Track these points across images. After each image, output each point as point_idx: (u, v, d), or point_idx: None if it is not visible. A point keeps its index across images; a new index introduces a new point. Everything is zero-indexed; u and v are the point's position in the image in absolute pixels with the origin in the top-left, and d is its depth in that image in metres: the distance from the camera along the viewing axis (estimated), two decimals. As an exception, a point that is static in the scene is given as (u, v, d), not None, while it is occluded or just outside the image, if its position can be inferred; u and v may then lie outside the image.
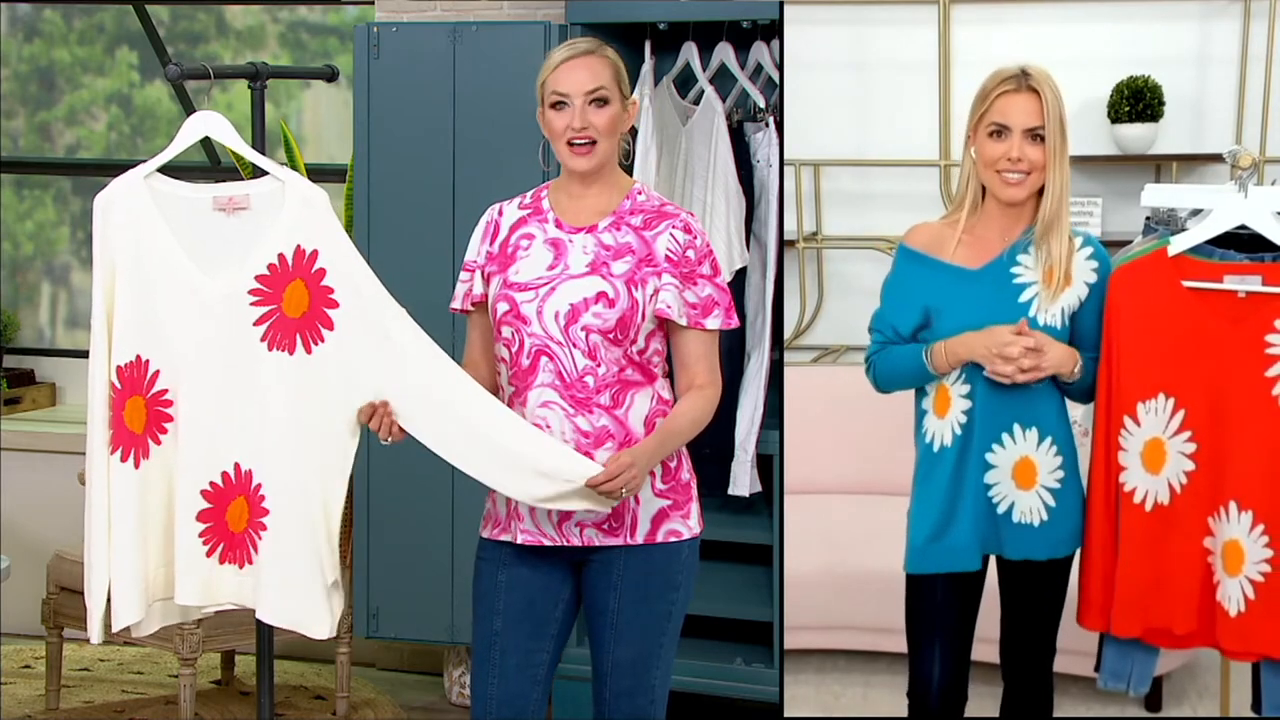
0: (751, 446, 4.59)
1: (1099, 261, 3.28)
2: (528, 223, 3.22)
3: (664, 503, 3.19)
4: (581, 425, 3.13)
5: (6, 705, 4.97)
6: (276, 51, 6.09)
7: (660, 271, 3.14)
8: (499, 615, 3.20)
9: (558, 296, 3.13)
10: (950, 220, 3.34)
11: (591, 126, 3.13)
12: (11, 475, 5.72)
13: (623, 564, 3.16)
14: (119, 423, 3.17)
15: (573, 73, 3.13)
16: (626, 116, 3.19)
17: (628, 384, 3.15)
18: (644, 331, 3.15)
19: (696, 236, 3.17)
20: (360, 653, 5.23)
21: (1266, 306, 3.15)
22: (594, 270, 3.14)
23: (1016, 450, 3.28)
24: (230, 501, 3.21)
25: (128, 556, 3.17)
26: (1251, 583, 3.17)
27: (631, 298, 3.12)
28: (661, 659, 3.22)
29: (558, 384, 3.13)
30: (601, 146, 3.15)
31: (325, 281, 3.19)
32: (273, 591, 3.20)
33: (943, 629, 3.37)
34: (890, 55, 5.47)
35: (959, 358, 3.24)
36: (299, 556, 3.19)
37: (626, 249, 3.15)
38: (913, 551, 3.34)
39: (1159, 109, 5.20)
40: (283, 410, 3.18)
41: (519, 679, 3.21)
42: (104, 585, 3.17)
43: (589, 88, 3.13)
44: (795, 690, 4.68)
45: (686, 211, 3.21)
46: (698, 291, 3.16)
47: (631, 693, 3.20)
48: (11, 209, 6.40)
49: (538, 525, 3.17)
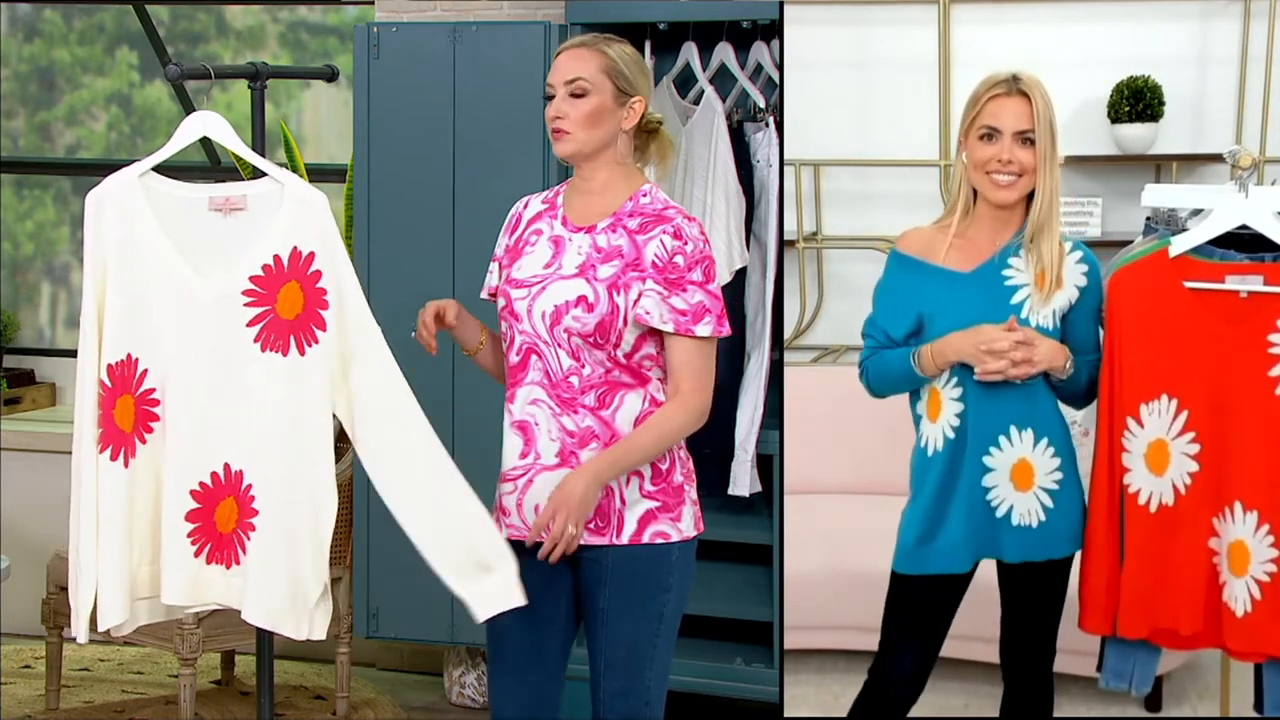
0: (751, 446, 4.59)
1: (1088, 265, 3.29)
2: (542, 218, 3.25)
3: (652, 504, 3.17)
4: (567, 425, 3.14)
5: (6, 705, 4.97)
6: (276, 51, 6.09)
7: (645, 276, 3.12)
8: (505, 613, 3.19)
9: (545, 297, 3.14)
10: (942, 225, 3.35)
11: (566, 117, 3.14)
12: (11, 475, 5.72)
13: (610, 563, 3.17)
14: (109, 421, 3.15)
15: (559, 63, 3.18)
16: (623, 113, 3.17)
17: (616, 385, 3.15)
18: (628, 335, 3.13)
19: (688, 242, 3.13)
20: (360, 653, 5.23)
21: (1268, 306, 3.15)
22: (581, 273, 3.14)
23: (1014, 452, 3.28)
24: (219, 502, 3.20)
25: (115, 556, 3.15)
26: (1258, 583, 3.17)
27: (612, 302, 3.11)
28: (655, 661, 3.21)
29: (545, 382, 3.15)
30: (578, 136, 3.15)
31: (320, 284, 3.19)
32: (259, 592, 3.19)
33: (922, 628, 3.39)
34: (890, 55, 5.47)
35: (946, 359, 3.25)
36: (287, 558, 3.18)
37: (616, 252, 3.14)
38: (902, 552, 3.36)
39: (1159, 109, 5.20)
40: (274, 411, 3.17)
41: (533, 673, 3.23)
42: (91, 584, 3.15)
43: (567, 78, 3.15)
44: (795, 690, 4.68)
45: (686, 215, 3.18)
46: (687, 298, 3.12)
47: (625, 693, 3.19)
48: (11, 209, 6.40)
49: (523, 520, 3.18)
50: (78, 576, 3.17)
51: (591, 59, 3.15)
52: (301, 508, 3.18)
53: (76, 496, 3.17)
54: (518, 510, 3.18)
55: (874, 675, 3.45)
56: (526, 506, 3.17)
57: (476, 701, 5.05)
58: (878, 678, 3.44)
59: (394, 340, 3.79)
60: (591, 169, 3.19)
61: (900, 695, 3.43)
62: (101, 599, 3.16)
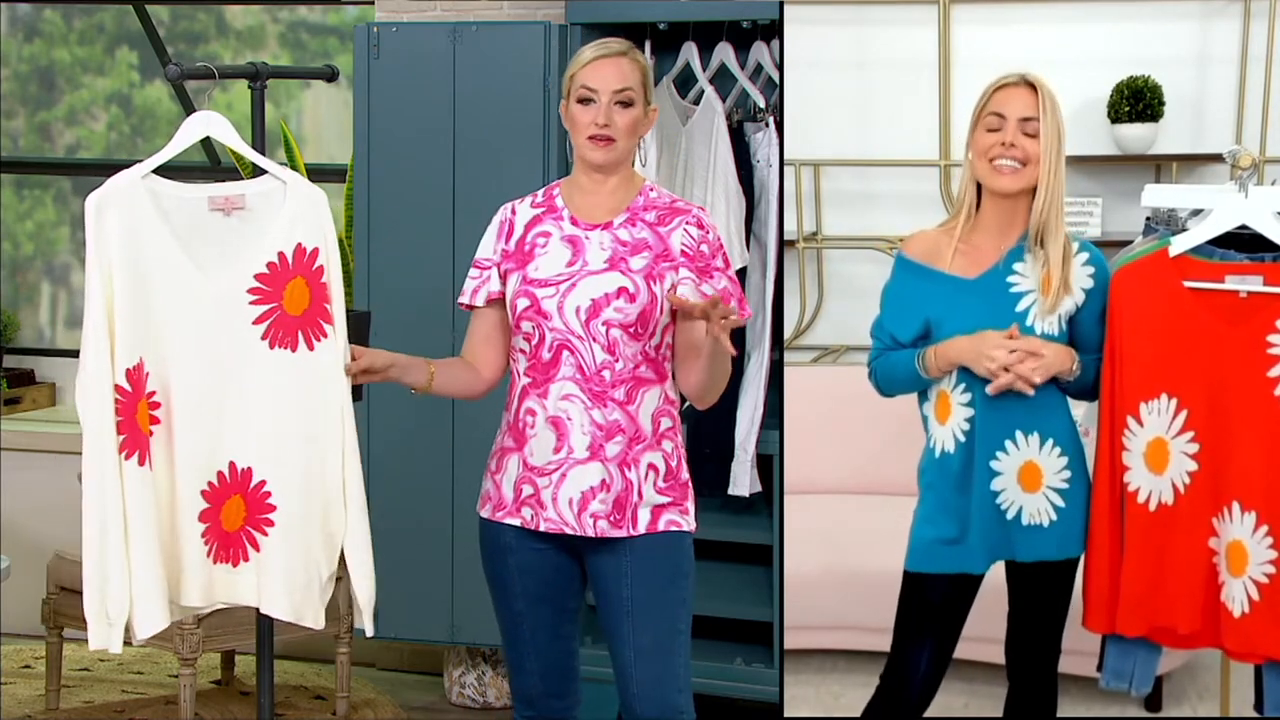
0: (751, 446, 4.59)
1: (1095, 266, 3.30)
2: (542, 220, 3.29)
3: (664, 499, 3.27)
4: (597, 418, 3.22)
5: (6, 705, 4.97)
6: (276, 51, 6.09)
7: (677, 266, 3.23)
8: (518, 598, 3.32)
9: (579, 292, 3.21)
10: (948, 228, 3.36)
11: (614, 125, 3.22)
12: (11, 475, 5.72)
13: (629, 553, 3.25)
14: (131, 426, 3.12)
15: (603, 70, 3.22)
16: (647, 121, 3.28)
17: (640, 381, 3.23)
18: (661, 325, 3.23)
19: (709, 231, 3.27)
20: (360, 653, 5.23)
21: (1268, 306, 3.15)
22: (613, 266, 3.22)
23: (1020, 456, 3.30)
24: (225, 501, 3.21)
25: (151, 562, 3.11)
26: (1255, 584, 3.17)
27: (650, 292, 3.21)
28: (683, 648, 3.30)
29: (578, 377, 3.21)
30: (620, 145, 3.24)
31: (324, 279, 3.21)
32: (282, 585, 3.21)
33: (938, 628, 3.39)
34: (890, 55, 5.47)
35: (949, 360, 3.28)
36: (306, 551, 3.22)
37: (643, 244, 3.24)
38: (917, 550, 3.36)
39: (1159, 109, 5.20)
40: (287, 407, 3.19)
41: (553, 650, 3.34)
42: (124, 592, 3.09)
43: (616, 86, 3.22)
44: (795, 690, 4.68)
45: (698, 207, 3.30)
46: (714, 284, 3.25)
47: (659, 679, 3.26)
48: (11, 209, 6.40)
49: (559, 514, 3.24)
50: (105, 586, 3.10)
51: (633, 70, 3.24)
52: (315, 500, 3.22)
53: (100, 504, 3.09)
54: (554, 504, 3.25)
55: (888, 675, 3.45)
56: (561, 500, 3.24)
57: (476, 701, 5.05)
58: (893, 677, 3.44)
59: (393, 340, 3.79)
60: (613, 172, 3.27)
61: (916, 695, 3.42)
62: (140, 606, 3.11)
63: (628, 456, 3.23)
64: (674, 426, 3.30)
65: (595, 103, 3.21)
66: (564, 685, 3.37)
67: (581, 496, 3.22)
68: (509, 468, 3.29)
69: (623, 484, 3.23)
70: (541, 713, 3.37)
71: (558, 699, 3.37)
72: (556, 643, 3.34)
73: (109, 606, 3.11)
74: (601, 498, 3.22)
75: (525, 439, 3.25)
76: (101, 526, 3.10)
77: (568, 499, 3.23)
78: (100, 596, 3.11)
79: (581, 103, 3.23)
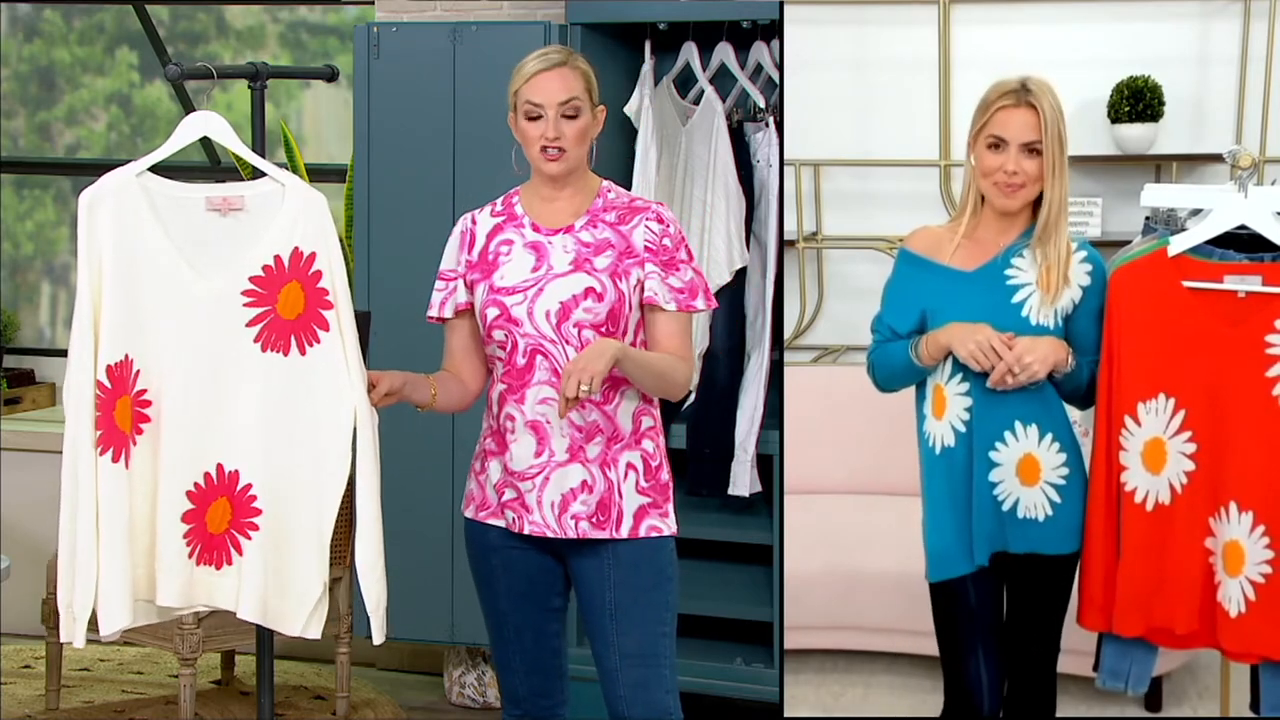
0: (751, 446, 4.59)
1: (1093, 265, 3.31)
2: (504, 229, 3.31)
3: (645, 500, 3.28)
4: (575, 419, 3.23)
5: (6, 705, 4.97)
6: (276, 51, 6.10)
7: (642, 261, 3.25)
8: (502, 596, 3.35)
9: (546, 296, 3.22)
10: (952, 225, 3.39)
11: (563, 137, 3.23)
12: (11, 475, 5.72)
13: (611, 557, 3.27)
14: (109, 423, 3.12)
15: (546, 84, 3.23)
16: (596, 124, 3.29)
17: (617, 381, 3.23)
18: (633, 322, 3.25)
19: (669, 225, 3.28)
20: (360, 653, 5.23)
21: (1267, 307, 3.15)
22: (578, 267, 3.23)
23: (1019, 448, 3.31)
24: (211, 503, 3.20)
25: (119, 559, 3.13)
26: (1252, 584, 3.17)
27: (618, 290, 3.23)
28: (668, 651, 3.30)
29: (554, 380, 3.22)
30: (572, 154, 3.25)
31: (321, 284, 3.19)
32: (259, 590, 3.19)
33: (982, 630, 3.39)
34: (890, 55, 5.47)
35: (939, 345, 3.29)
36: (289, 556, 3.20)
37: (606, 244, 3.25)
38: (935, 559, 3.37)
39: (1159, 109, 5.20)
40: (276, 411, 3.18)
41: (538, 650, 3.36)
42: (91, 587, 3.12)
43: (561, 99, 3.23)
44: (795, 690, 4.68)
45: (656, 203, 3.32)
46: (680, 276, 3.27)
47: (646, 683, 3.28)
48: (11, 209, 6.40)
49: (543, 518, 3.26)
50: (74, 580, 3.13)
51: (576, 78, 3.25)
52: (304, 506, 3.20)
53: (73, 498, 3.13)
54: (538, 508, 3.26)
55: (952, 695, 3.44)
56: (545, 503, 3.25)
57: (476, 701, 5.05)
58: (958, 695, 3.42)
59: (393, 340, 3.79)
60: (568, 178, 3.28)
61: (987, 705, 3.40)
62: (105, 603, 3.13)
63: (607, 456, 3.25)
64: (655, 426, 3.32)
65: (543, 117, 3.22)
66: (550, 684, 3.39)
67: (562, 499, 3.24)
68: (491, 470, 3.31)
69: (605, 484, 3.24)
70: (529, 711, 3.39)
71: (544, 698, 3.39)
72: (542, 642, 3.36)
73: (75, 600, 3.13)
74: (583, 499, 3.24)
75: (506, 445, 3.27)
76: (73, 521, 3.13)
77: (549, 502, 3.25)
78: (69, 590, 3.14)
79: (530, 118, 3.24)
